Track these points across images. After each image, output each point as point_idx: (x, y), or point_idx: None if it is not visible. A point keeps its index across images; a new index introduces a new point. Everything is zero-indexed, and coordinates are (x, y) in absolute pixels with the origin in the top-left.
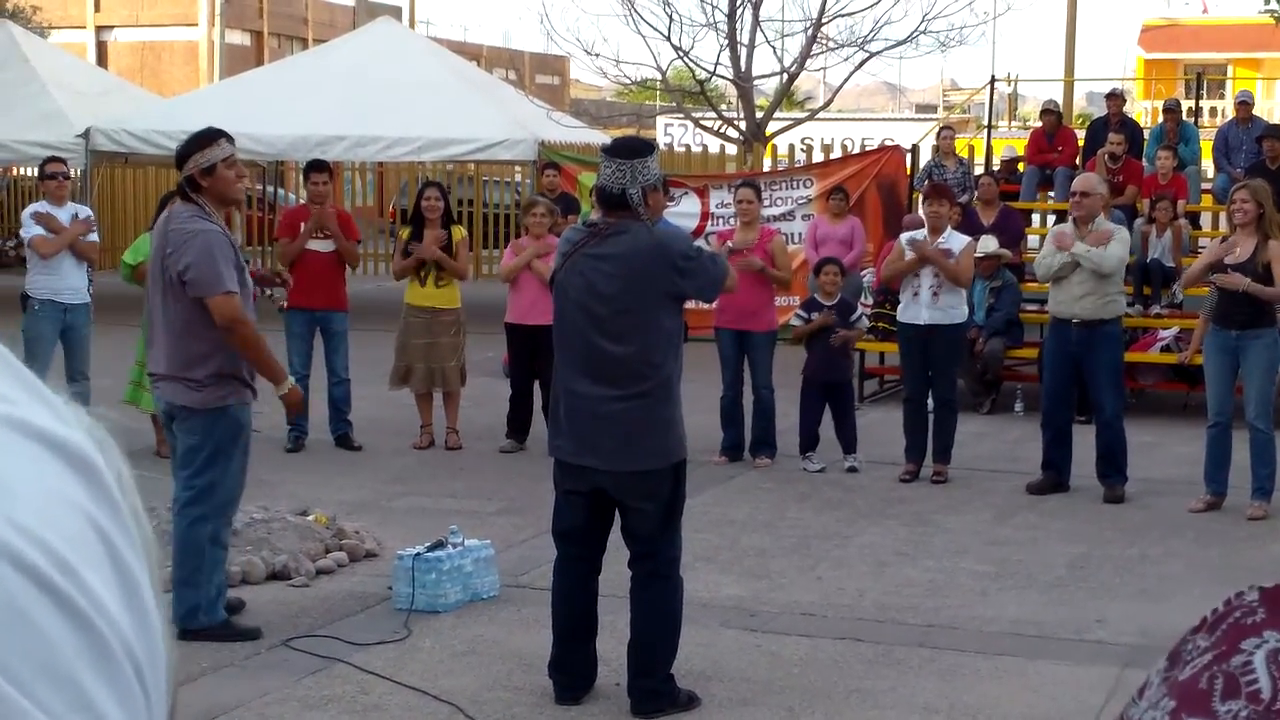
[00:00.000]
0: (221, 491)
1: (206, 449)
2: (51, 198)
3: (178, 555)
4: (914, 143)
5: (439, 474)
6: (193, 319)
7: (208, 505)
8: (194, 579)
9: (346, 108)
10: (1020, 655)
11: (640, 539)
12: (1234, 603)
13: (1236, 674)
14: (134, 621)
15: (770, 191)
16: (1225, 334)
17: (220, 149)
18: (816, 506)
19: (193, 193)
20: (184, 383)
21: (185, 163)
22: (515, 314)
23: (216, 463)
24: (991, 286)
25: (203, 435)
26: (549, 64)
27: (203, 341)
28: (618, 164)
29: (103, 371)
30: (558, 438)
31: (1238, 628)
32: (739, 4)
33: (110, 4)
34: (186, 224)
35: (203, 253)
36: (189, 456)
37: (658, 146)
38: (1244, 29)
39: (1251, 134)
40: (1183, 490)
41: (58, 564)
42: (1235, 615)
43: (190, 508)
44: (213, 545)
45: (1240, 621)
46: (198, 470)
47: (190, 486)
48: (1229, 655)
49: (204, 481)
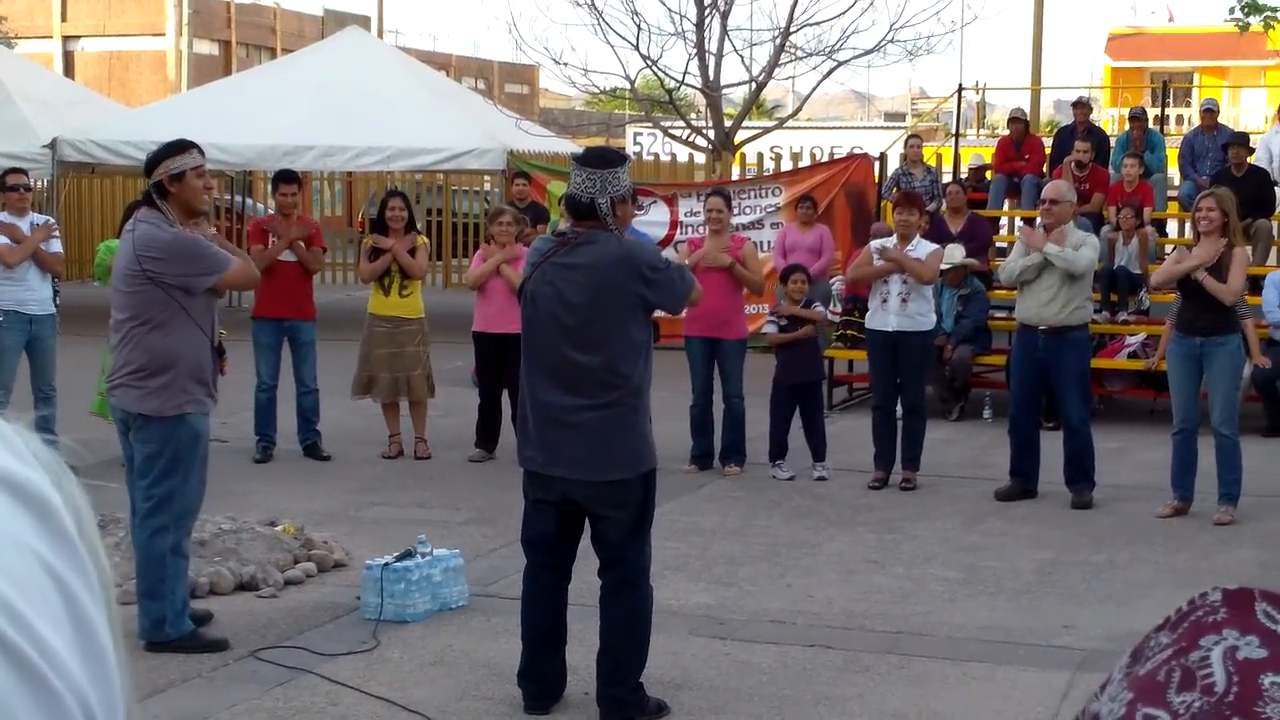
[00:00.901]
0: (181, 501)
1: (165, 457)
2: (12, 209)
3: (140, 567)
4: (882, 151)
5: (408, 483)
6: (151, 324)
7: (168, 515)
8: (158, 590)
9: (315, 117)
10: (988, 661)
11: (609, 547)
12: (1197, 602)
13: (1193, 668)
14: (88, 668)
15: (739, 200)
16: (1189, 341)
17: (191, 158)
18: (786, 514)
19: (159, 198)
20: (140, 389)
21: (155, 168)
22: (483, 322)
23: (176, 471)
24: (960, 294)
25: (160, 443)
26: (518, 73)
27: (161, 348)
28: (588, 173)
29: (70, 383)
30: (526, 447)
31: (1199, 625)
32: (707, 13)
33: (77, 14)
34: (159, 232)
35: (187, 250)
36: (147, 465)
37: (630, 159)
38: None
39: (1217, 141)
40: (1150, 496)
41: (7, 614)
42: (1198, 614)
43: (150, 518)
44: (174, 556)
45: (1202, 620)
46: (156, 479)
47: (150, 496)
48: (1188, 651)
49: (163, 491)
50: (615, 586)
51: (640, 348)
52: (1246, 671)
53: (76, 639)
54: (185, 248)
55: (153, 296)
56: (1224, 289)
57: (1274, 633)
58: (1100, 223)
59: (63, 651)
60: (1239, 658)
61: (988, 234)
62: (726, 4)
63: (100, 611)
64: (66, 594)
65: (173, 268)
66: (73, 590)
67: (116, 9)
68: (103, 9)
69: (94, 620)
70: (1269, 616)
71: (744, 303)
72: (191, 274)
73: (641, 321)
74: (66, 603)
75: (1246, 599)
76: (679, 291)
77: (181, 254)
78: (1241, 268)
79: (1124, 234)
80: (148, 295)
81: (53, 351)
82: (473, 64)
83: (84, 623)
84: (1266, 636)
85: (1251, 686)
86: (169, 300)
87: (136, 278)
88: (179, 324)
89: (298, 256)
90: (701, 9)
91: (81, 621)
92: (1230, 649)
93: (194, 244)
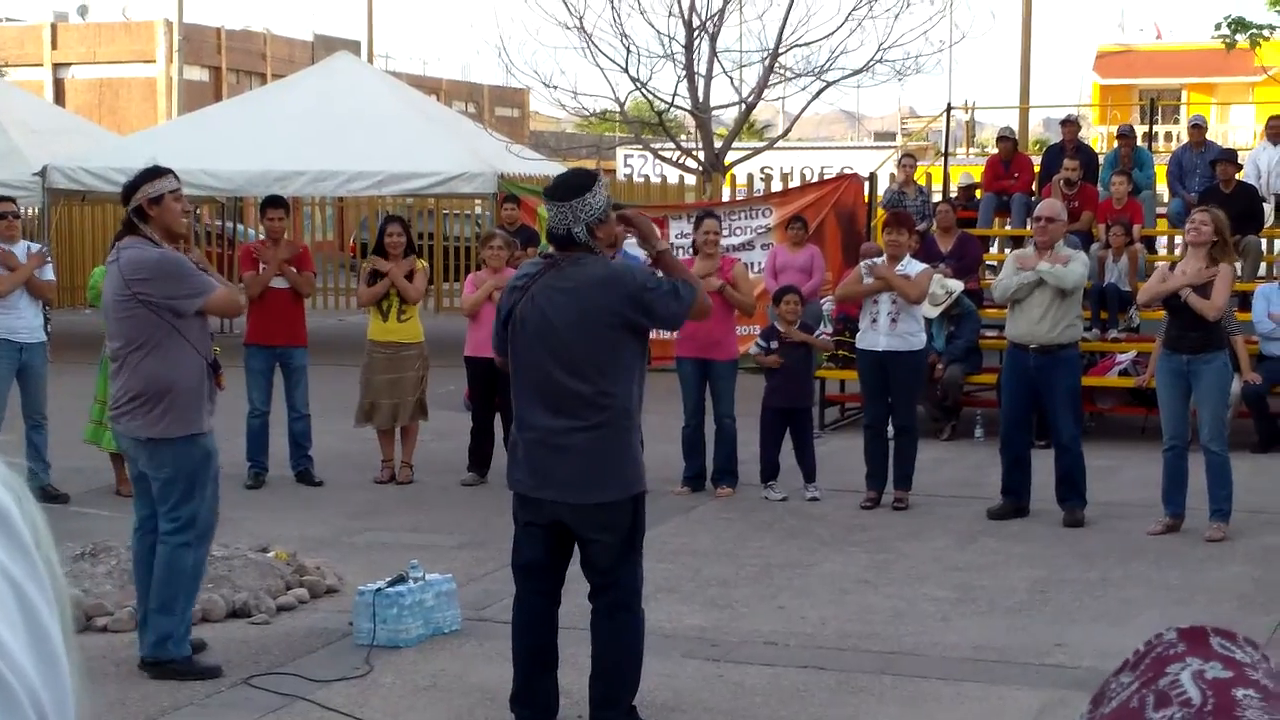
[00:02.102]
0: (203, 520)
1: (181, 479)
2: (1, 237)
3: (159, 581)
4: (872, 170)
5: (400, 509)
6: (146, 348)
7: (192, 534)
8: (171, 606)
9: (306, 143)
10: (982, 680)
11: (600, 571)
12: (1154, 642)
13: (1166, 690)
14: (42, 670)
15: (730, 221)
16: (1177, 358)
17: (168, 182)
18: (778, 535)
19: (140, 223)
20: (145, 416)
21: (134, 194)
22: (474, 347)
23: (194, 494)
24: (951, 314)
25: (174, 467)
26: (508, 96)
27: (159, 373)
28: (558, 207)
29: (61, 411)
30: (515, 470)
31: (1161, 659)
32: (696, 35)
33: (67, 41)
34: (145, 253)
35: (171, 269)
36: (166, 491)
37: (600, 175)
38: (1198, 54)
39: (1205, 158)
40: (1142, 513)
41: None
42: (1157, 650)
43: (175, 535)
44: (193, 575)
45: (1163, 654)
46: (177, 503)
47: (173, 519)
48: (1156, 679)
49: (186, 513)
50: (608, 610)
51: (630, 369)
52: (1218, 687)
53: (31, 641)
54: (171, 267)
55: (144, 320)
56: (1208, 305)
57: (1232, 658)
58: (1090, 240)
59: (16, 650)
60: (1208, 677)
61: (977, 253)
62: (715, 26)
63: (54, 620)
64: (22, 598)
65: (159, 288)
66: (28, 596)
67: (107, 36)
68: (93, 37)
69: (49, 626)
70: (1224, 647)
71: (735, 323)
72: (177, 295)
73: (631, 342)
74: (21, 606)
75: (1201, 634)
76: (678, 307)
77: (167, 273)
78: (1227, 284)
79: (1114, 251)
80: (139, 319)
81: (44, 379)
82: (463, 88)
83: (38, 627)
84: (1227, 661)
85: (1226, 698)
86: (160, 322)
87: (126, 302)
88: (173, 346)
89: (289, 281)
90: (690, 31)
91: (36, 625)
92: (1198, 671)
93: (179, 264)
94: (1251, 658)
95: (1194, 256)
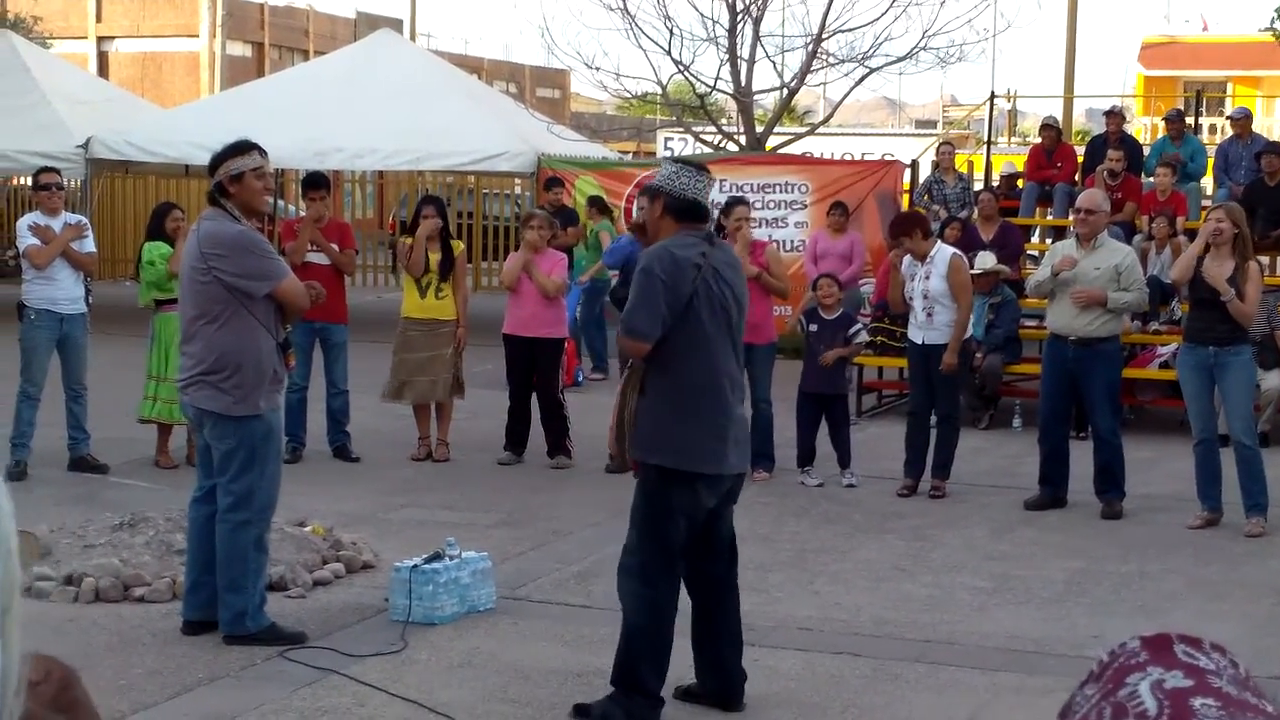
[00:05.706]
0: (261, 495)
1: (241, 453)
2: (45, 209)
3: (223, 561)
4: (913, 158)
5: (436, 486)
6: (218, 321)
7: (249, 510)
8: (239, 584)
9: (346, 118)
10: (1017, 671)
11: (727, 540)
12: (1117, 652)
13: (1124, 702)
14: None
15: (763, 195)
16: (1202, 350)
17: (251, 159)
18: (814, 521)
19: (221, 198)
20: (211, 387)
21: (216, 169)
22: (513, 325)
23: (253, 466)
24: (991, 303)
25: (235, 440)
26: (550, 77)
27: (228, 345)
28: (709, 178)
29: (101, 381)
30: (730, 453)
31: (1122, 669)
32: (739, 19)
33: (112, 15)
34: (223, 227)
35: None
36: (225, 462)
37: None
38: (1244, 47)
39: (1251, 150)
40: (1181, 506)
41: None
42: (1119, 661)
43: (232, 513)
44: (256, 550)
45: (1125, 664)
46: (235, 475)
47: (230, 492)
48: (1115, 691)
49: (242, 487)
50: (733, 584)
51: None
52: (1176, 697)
53: None
54: (248, 243)
55: (215, 293)
56: (1247, 312)
57: (1195, 666)
58: (1133, 232)
59: None
60: (1167, 687)
61: (1019, 242)
62: (759, 10)
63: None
64: None
65: (232, 264)
66: None
67: (151, 10)
68: (137, 10)
69: None
70: (1188, 654)
71: (773, 305)
72: (248, 274)
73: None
74: None
75: (1165, 642)
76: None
77: (243, 248)
78: (1257, 284)
79: (1157, 243)
80: (211, 292)
81: (84, 350)
82: (504, 68)
83: None
84: (1189, 670)
85: (1182, 708)
86: (230, 297)
87: (202, 273)
88: (242, 321)
89: (330, 259)
90: (734, 15)
91: None
92: (1157, 682)
93: (256, 243)
94: (1216, 664)
95: (1219, 256)
